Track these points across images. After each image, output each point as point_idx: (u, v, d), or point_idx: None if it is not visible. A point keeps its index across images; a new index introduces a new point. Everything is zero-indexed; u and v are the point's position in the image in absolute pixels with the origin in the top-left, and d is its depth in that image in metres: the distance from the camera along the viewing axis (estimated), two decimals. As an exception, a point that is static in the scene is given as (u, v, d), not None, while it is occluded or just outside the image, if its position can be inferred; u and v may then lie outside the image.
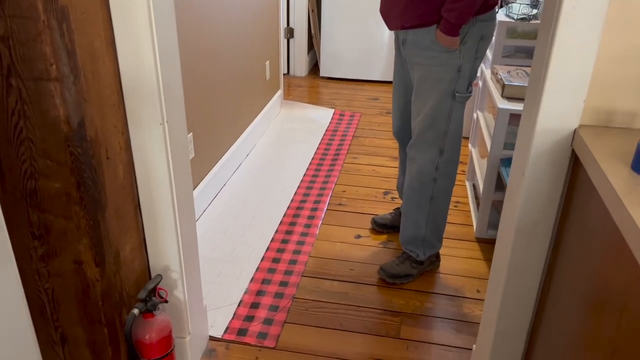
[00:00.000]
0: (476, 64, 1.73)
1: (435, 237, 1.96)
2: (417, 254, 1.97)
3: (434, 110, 1.74)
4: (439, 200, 1.89)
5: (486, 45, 1.72)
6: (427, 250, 1.97)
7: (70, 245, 1.16)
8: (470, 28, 1.64)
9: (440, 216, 1.93)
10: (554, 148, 1.05)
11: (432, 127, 1.77)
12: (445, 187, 1.87)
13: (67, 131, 1.05)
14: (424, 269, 2.01)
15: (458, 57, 1.67)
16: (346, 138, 3.20)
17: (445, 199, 1.91)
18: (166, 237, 1.37)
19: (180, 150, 1.35)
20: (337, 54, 4.20)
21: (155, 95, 1.21)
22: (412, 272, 1.98)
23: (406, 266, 1.98)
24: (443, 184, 1.86)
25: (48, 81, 1.00)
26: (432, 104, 1.74)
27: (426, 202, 1.88)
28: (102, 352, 1.29)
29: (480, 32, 1.67)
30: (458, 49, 1.66)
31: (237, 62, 2.69)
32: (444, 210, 1.92)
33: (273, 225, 2.29)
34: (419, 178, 1.85)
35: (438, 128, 1.77)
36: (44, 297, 1.23)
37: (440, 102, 1.73)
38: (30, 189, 1.10)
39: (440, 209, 1.91)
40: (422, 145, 1.81)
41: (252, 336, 1.70)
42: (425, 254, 1.97)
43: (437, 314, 1.82)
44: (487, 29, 1.68)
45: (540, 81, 1.03)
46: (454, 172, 1.87)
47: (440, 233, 1.97)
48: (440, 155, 1.80)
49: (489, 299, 1.37)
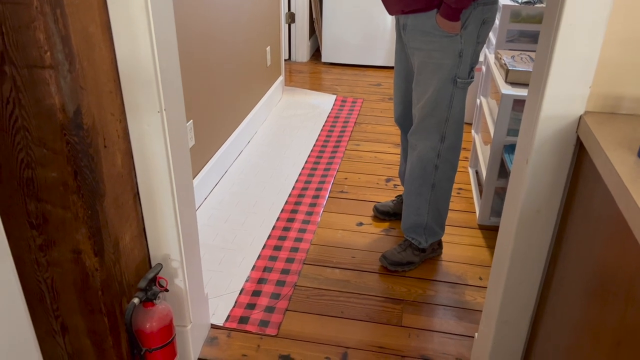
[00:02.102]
0: (478, 49, 1.70)
1: (438, 225, 1.95)
2: (419, 242, 1.96)
3: (435, 96, 1.72)
4: (441, 188, 1.87)
5: (488, 29, 1.69)
6: (429, 237, 1.96)
7: (68, 235, 1.14)
8: (471, 12, 1.61)
9: (442, 203, 1.91)
10: (558, 135, 1.03)
11: (433, 113, 1.75)
12: (447, 174, 1.86)
13: (63, 119, 1.03)
14: (426, 257, 2.00)
15: (459, 41, 1.64)
16: (348, 125, 3.17)
17: (447, 186, 1.89)
18: (166, 225, 1.36)
19: (179, 138, 1.33)
20: (339, 39, 4.16)
21: (153, 83, 1.18)
22: (414, 259, 1.97)
23: (408, 254, 1.97)
24: (445, 171, 1.84)
25: (42, 69, 0.98)
26: (433, 90, 1.71)
27: (427, 190, 1.86)
28: (102, 342, 1.28)
29: (481, 15, 1.63)
30: (459, 34, 1.63)
31: (237, 48, 2.66)
32: (446, 197, 1.91)
33: (274, 213, 2.28)
34: (420, 165, 1.84)
35: (439, 114, 1.74)
36: (44, 287, 1.22)
37: (441, 88, 1.70)
38: (27, 178, 1.09)
39: (442, 196, 1.89)
40: (423, 132, 1.79)
41: (254, 324, 1.70)
42: (427, 241, 1.96)
43: (439, 301, 1.81)
44: (489, 13, 1.65)
45: (545, 66, 1.00)
46: (456, 158, 1.85)
47: (442, 220, 1.95)
48: (442, 142, 1.78)
49: (491, 286, 1.36)
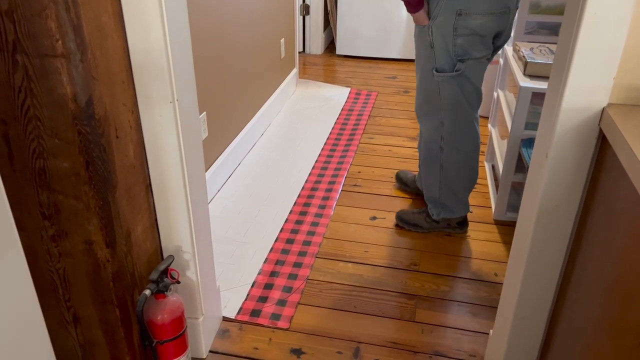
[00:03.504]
0: (459, 42, 1.66)
1: (454, 203, 2.00)
2: (432, 212, 2.05)
3: (423, 85, 1.80)
4: (449, 170, 1.92)
5: (469, 22, 1.63)
6: (442, 212, 2.03)
7: (80, 226, 1.14)
8: (438, 2, 1.62)
9: (455, 184, 1.96)
10: (580, 128, 1.00)
11: (426, 101, 1.83)
12: (454, 159, 1.90)
13: (75, 109, 1.02)
14: (438, 228, 2.08)
15: (427, 33, 1.67)
16: (362, 118, 3.15)
17: (456, 170, 1.93)
18: (178, 217, 1.35)
19: (191, 129, 1.32)
20: (354, 32, 4.12)
21: (165, 73, 1.17)
22: (423, 224, 2.07)
23: (420, 218, 2.08)
24: (450, 154, 1.89)
25: (54, 58, 0.97)
26: (420, 79, 1.81)
27: (436, 169, 1.94)
28: (114, 333, 1.28)
29: (453, 7, 1.61)
30: (427, 25, 1.65)
31: (251, 40, 2.64)
32: (457, 178, 1.95)
33: (287, 205, 2.27)
34: (426, 147, 1.95)
35: (432, 102, 1.81)
36: (56, 277, 1.22)
37: (425, 78, 1.78)
38: (39, 168, 1.08)
39: (454, 177, 1.94)
40: (423, 116, 1.89)
41: (266, 317, 1.69)
42: (439, 214, 2.03)
43: (453, 297, 1.79)
44: (463, 5, 1.61)
45: (567, 56, 0.97)
46: (461, 143, 1.88)
47: (459, 200, 2.00)
48: (442, 126, 1.85)
49: (508, 282, 1.33)
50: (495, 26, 1.68)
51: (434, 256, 1.98)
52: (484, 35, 1.68)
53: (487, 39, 1.70)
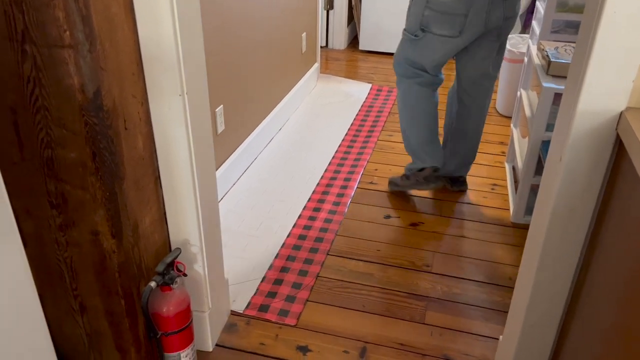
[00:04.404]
0: (426, 13, 1.89)
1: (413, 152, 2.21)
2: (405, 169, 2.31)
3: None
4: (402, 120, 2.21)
5: None
6: (408, 168, 2.26)
7: (87, 216, 1.15)
8: None
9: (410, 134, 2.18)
10: (596, 131, 0.96)
11: (397, 53, 2.14)
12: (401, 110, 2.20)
13: (82, 100, 1.02)
14: (409, 185, 2.26)
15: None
16: (382, 114, 3.11)
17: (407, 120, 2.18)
18: (186, 211, 1.35)
19: (201, 122, 1.31)
20: (378, 27, 4.08)
21: (175, 65, 1.17)
22: (398, 182, 2.30)
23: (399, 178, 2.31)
24: (400, 105, 2.20)
25: (62, 48, 0.97)
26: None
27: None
28: (119, 323, 1.29)
29: None
30: None
31: (272, 33, 2.63)
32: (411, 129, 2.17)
33: (301, 201, 2.26)
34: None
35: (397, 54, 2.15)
36: (63, 266, 1.23)
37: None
38: (47, 157, 1.09)
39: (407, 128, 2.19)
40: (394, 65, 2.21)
41: (274, 313, 1.68)
42: (409, 169, 2.25)
43: (465, 300, 1.75)
44: None
45: (585, 57, 0.93)
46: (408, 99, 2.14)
47: (411, 148, 2.20)
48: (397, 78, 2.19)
49: (518, 287, 1.30)
50: (464, 8, 1.82)
51: (447, 258, 1.94)
52: (453, 15, 1.84)
53: (456, 20, 1.85)
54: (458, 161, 2.27)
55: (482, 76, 2.08)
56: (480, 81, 2.09)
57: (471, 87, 2.11)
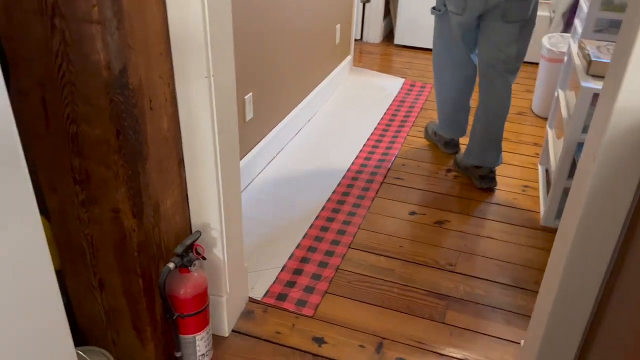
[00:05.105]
0: None
1: (441, 120, 2.51)
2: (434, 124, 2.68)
3: None
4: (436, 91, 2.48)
5: None
6: (436, 127, 2.61)
7: (109, 194, 1.15)
8: None
9: (440, 104, 2.48)
10: (634, 130, 0.91)
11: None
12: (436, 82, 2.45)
13: (108, 77, 1.02)
14: (433, 139, 2.66)
15: None
16: (413, 110, 3.06)
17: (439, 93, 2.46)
18: (208, 194, 1.35)
19: (227, 106, 1.30)
20: (414, 22, 4.01)
21: (202, 47, 1.16)
22: (429, 131, 2.70)
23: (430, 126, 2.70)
24: (435, 77, 2.45)
25: (90, 24, 0.97)
26: None
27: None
28: (137, 302, 1.30)
29: None
30: None
31: (305, 23, 2.61)
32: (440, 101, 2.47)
33: (326, 193, 2.24)
34: None
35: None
36: (84, 243, 1.24)
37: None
38: (72, 133, 1.10)
39: (438, 99, 2.48)
40: None
41: (291, 302, 1.67)
42: (437, 128, 2.58)
43: (487, 302, 1.71)
44: None
45: (626, 52, 0.88)
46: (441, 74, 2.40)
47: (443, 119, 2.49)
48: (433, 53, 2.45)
49: (543, 291, 1.25)
50: None
51: (472, 258, 1.90)
52: None
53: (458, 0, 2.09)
54: (476, 146, 2.30)
55: (498, 61, 2.13)
56: (495, 65, 2.14)
57: (487, 70, 2.18)
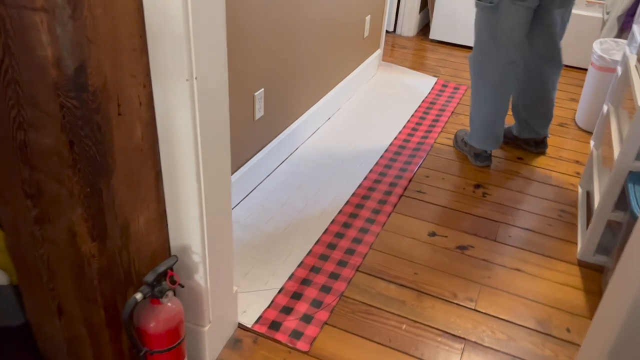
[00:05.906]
0: None
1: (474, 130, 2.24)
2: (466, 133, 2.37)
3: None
4: (474, 97, 2.20)
5: None
6: (467, 136, 2.33)
7: (64, 213, 0.97)
8: None
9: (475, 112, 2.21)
10: None
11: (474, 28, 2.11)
12: (475, 88, 2.17)
13: (57, 77, 0.84)
14: (463, 150, 2.37)
15: None
16: (444, 113, 2.81)
17: (477, 99, 2.17)
18: (188, 212, 1.16)
19: (214, 112, 1.11)
20: (452, 16, 3.73)
21: (182, 42, 0.96)
22: (458, 140, 2.41)
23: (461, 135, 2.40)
24: (473, 81, 2.18)
25: (33, 11, 0.78)
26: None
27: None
28: (99, 333, 1.12)
29: None
30: None
31: (330, 13, 2.38)
32: (478, 108, 2.18)
33: (338, 204, 2.03)
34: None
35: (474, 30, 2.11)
36: (40, 263, 1.07)
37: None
38: (20, 140, 0.92)
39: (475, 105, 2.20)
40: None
41: (285, 333, 1.48)
42: (468, 138, 2.31)
43: (509, 349, 1.48)
44: None
45: None
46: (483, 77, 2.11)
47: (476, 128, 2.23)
48: (472, 52, 2.15)
49: (586, 350, 1.03)
50: None
51: (495, 293, 1.67)
52: None
53: None
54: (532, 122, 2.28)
55: (555, 47, 2.10)
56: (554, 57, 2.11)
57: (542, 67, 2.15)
